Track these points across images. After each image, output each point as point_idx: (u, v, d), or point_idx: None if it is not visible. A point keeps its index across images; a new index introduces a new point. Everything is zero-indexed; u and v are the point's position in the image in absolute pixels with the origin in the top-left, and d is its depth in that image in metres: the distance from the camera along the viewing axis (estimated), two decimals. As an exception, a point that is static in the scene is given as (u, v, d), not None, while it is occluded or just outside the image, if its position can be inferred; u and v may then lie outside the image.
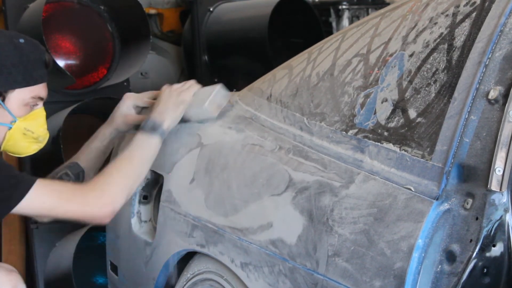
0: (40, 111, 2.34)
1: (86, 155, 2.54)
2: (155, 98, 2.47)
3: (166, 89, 2.43)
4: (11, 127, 2.29)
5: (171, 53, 4.31)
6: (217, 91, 2.42)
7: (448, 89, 1.77)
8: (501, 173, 1.62)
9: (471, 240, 1.63)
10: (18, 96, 2.27)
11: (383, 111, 1.91)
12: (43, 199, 2.16)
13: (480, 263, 1.62)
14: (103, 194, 2.21)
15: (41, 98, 2.32)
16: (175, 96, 2.40)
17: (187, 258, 2.39)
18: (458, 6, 1.87)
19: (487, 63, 1.71)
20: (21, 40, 2.29)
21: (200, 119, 2.44)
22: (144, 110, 2.50)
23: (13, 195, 2.12)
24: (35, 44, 2.34)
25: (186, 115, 2.43)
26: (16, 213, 2.18)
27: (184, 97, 2.41)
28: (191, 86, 2.45)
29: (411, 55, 1.91)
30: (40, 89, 2.31)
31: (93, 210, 2.21)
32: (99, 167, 2.54)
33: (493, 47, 1.71)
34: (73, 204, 2.19)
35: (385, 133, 1.87)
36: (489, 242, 1.62)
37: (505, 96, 1.65)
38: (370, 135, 1.91)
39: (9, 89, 2.26)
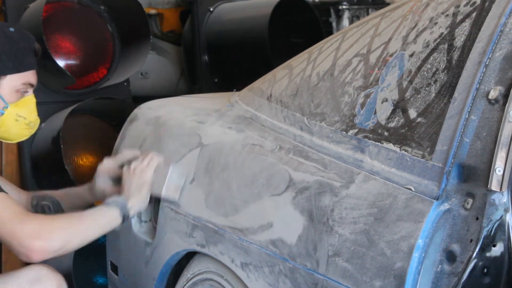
0: (31, 98, 2.43)
1: (69, 204, 2.57)
2: (130, 160, 2.45)
3: (125, 172, 2.40)
4: (3, 113, 2.38)
5: (171, 53, 4.31)
6: (170, 175, 2.37)
7: (448, 89, 1.77)
8: (501, 173, 1.62)
9: (471, 240, 1.63)
10: (10, 83, 2.37)
11: (383, 111, 1.91)
12: None
13: (480, 263, 1.62)
14: (43, 228, 2.16)
15: (31, 85, 2.41)
16: (135, 180, 2.37)
17: (187, 258, 2.40)
18: (458, 6, 1.87)
19: (487, 63, 1.71)
20: (11, 29, 2.40)
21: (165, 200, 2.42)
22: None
23: None
24: (24, 32, 2.44)
25: (153, 194, 2.40)
26: None
27: (145, 179, 2.36)
28: (150, 163, 2.39)
29: (411, 55, 1.91)
30: (30, 76, 2.40)
31: (26, 238, 2.13)
32: None
33: (493, 47, 1.71)
34: (13, 224, 2.14)
35: (385, 133, 1.87)
36: (489, 242, 1.62)
37: (505, 96, 1.65)
38: (370, 135, 1.91)
39: (1, 75, 2.35)
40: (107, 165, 2.51)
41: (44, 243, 2.14)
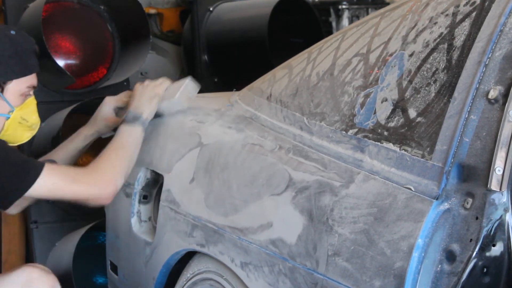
0: (32, 100, 2.46)
1: (64, 154, 2.65)
2: None
3: (139, 86, 2.57)
4: (9, 117, 2.39)
5: (171, 53, 4.31)
6: (187, 83, 2.57)
7: (448, 89, 1.77)
8: (501, 172, 1.62)
9: (471, 240, 1.63)
10: (16, 87, 2.37)
11: (383, 111, 1.91)
12: (53, 181, 2.26)
13: (480, 263, 1.62)
14: (105, 175, 2.34)
15: (34, 87, 2.44)
16: (148, 91, 2.54)
17: (187, 257, 2.40)
18: (458, 6, 1.87)
19: (487, 62, 1.71)
20: (13, 32, 2.40)
21: (172, 112, 2.56)
22: (124, 112, 2.59)
23: (26, 179, 2.23)
24: (25, 35, 2.45)
25: (159, 108, 2.55)
26: (29, 196, 2.28)
27: (157, 91, 2.55)
28: (163, 82, 2.59)
29: (411, 55, 1.91)
30: (33, 78, 2.42)
31: (98, 189, 2.33)
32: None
33: (493, 47, 1.71)
34: (80, 185, 2.31)
35: (385, 133, 1.87)
36: (489, 241, 1.62)
37: (505, 96, 1.65)
38: (370, 135, 1.91)
39: (8, 80, 2.36)
40: (112, 97, 2.66)
41: (113, 186, 2.35)
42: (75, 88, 3.60)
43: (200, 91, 2.58)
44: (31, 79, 2.40)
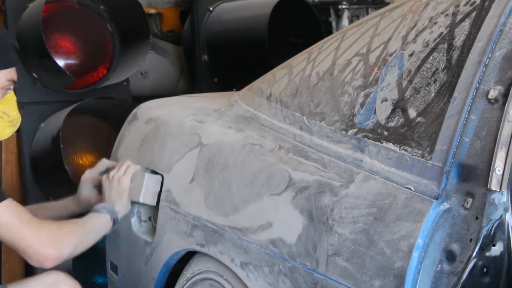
0: (12, 95, 2.43)
1: (45, 217, 2.58)
2: (107, 168, 2.59)
3: (104, 180, 2.52)
4: None
5: (171, 53, 4.31)
6: (146, 183, 2.48)
7: (448, 89, 1.77)
8: (501, 172, 1.62)
9: (471, 240, 1.63)
10: None
11: (383, 111, 1.91)
12: (4, 214, 2.20)
13: (480, 263, 1.62)
14: (55, 237, 2.26)
15: (14, 82, 2.42)
16: (114, 187, 2.49)
17: (187, 258, 2.40)
18: (458, 6, 1.87)
19: (487, 62, 1.71)
20: None
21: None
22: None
23: None
24: (4, 30, 2.51)
25: (132, 199, 2.51)
26: None
27: (123, 186, 2.49)
28: (127, 171, 2.51)
29: (411, 55, 1.91)
30: (14, 73, 2.41)
31: (41, 246, 2.23)
32: None
33: (493, 47, 1.71)
34: (27, 231, 2.22)
35: (385, 133, 1.87)
36: (489, 241, 1.62)
37: (505, 96, 1.65)
38: (370, 135, 1.91)
39: None
40: (89, 174, 2.62)
41: (57, 251, 2.24)
42: (75, 88, 3.60)
43: (200, 91, 2.58)
44: (11, 73, 2.39)
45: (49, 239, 2.23)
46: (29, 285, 2.33)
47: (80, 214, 2.51)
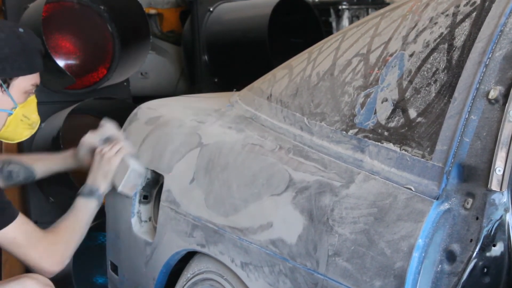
0: (33, 98, 2.48)
1: (44, 170, 2.72)
2: (107, 137, 2.64)
3: (97, 155, 2.58)
4: (11, 113, 2.42)
5: (171, 53, 4.31)
6: (128, 175, 2.55)
7: (448, 89, 1.77)
8: (501, 172, 1.62)
9: (471, 240, 1.63)
10: (21, 84, 2.40)
11: (383, 111, 1.91)
12: (16, 235, 2.29)
13: (480, 263, 1.62)
14: (59, 252, 2.37)
15: (37, 86, 2.46)
16: (103, 166, 2.56)
17: (187, 258, 2.40)
18: (458, 6, 1.87)
19: (487, 63, 1.71)
20: (21, 30, 2.43)
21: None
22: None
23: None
24: (32, 34, 2.49)
25: (112, 183, 2.58)
26: None
27: (110, 167, 2.56)
28: (118, 152, 2.57)
29: (411, 55, 1.91)
30: (37, 77, 2.45)
31: (47, 265, 2.35)
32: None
33: (493, 47, 1.71)
34: (36, 252, 2.33)
35: (385, 133, 1.87)
36: (489, 241, 1.62)
37: (505, 96, 1.65)
38: (370, 135, 1.91)
39: (15, 76, 2.38)
40: (90, 138, 2.67)
41: (61, 266, 2.38)
42: (75, 88, 3.60)
43: (200, 92, 2.58)
44: (35, 78, 2.43)
45: (54, 258, 2.35)
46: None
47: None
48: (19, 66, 2.37)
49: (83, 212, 2.49)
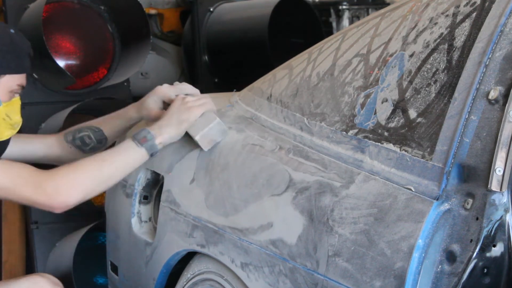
0: (18, 100, 2.45)
1: (110, 127, 2.60)
2: (187, 94, 2.45)
3: (178, 99, 2.40)
4: None
5: (171, 53, 4.31)
6: (212, 126, 2.35)
7: (448, 89, 1.77)
8: (501, 173, 1.62)
9: (471, 240, 1.63)
10: (7, 82, 2.38)
11: (383, 111, 1.91)
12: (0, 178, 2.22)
13: (480, 263, 1.62)
14: (59, 186, 2.24)
15: (22, 87, 2.44)
16: (182, 112, 2.36)
17: (187, 258, 2.40)
18: (458, 6, 1.87)
19: (487, 63, 1.71)
20: (12, 31, 2.43)
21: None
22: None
23: None
24: (23, 36, 2.47)
25: (189, 131, 2.37)
26: None
27: (189, 116, 2.35)
28: (203, 104, 2.38)
29: (411, 55, 1.91)
30: (24, 78, 2.43)
31: (44, 199, 2.23)
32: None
33: (493, 47, 1.71)
34: (27, 189, 2.23)
35: (386, 133, 1.87)
36: (490, 242, 1.62)
37: (505, 96, 1.65)
38: (370, 135, 1.91)
39: (2, 73, 2.37)
40: (165, 88, 2.50)
41: (62, 200, 2.23)
42: (76, 88, 3.60)
43: (200, 91, 2.58)
44: (22, 78, 2.42)
45: (54, 191, 2.22)
46: (10, 285, 2.33)
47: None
48: (8, 65, 2.37)
49: (123, 155, 2.31)
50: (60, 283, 2.39)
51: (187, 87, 2.50)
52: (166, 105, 2.47)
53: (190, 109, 2.36)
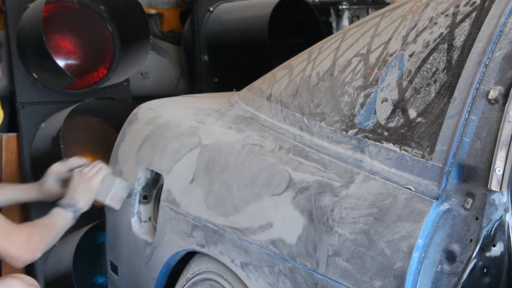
0: None
1: (4, 198, 2.75)
2: (78, 166, 2.71)
3: (76, 174, 2.64)
4: None
5: (171, 53, 4.31)
6: (115, 187, 2.60)
7: (448, 89, 1.77)
8: (501, 173, 1.62)
9: (471, 240, 1.63)
10: None
11: (383, 111, 1.91)
12: None
13: (480, 263, 1.62)
14: (29, 242, 2.42)
15: None
16: (83, 183, 2.61)
17: (187, 258, 2.40)
18: (458, 6, 1.87)
19: (487, 63, 1.71)
20: None
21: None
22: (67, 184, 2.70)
23: None
24: None
25: (97, 199, 2.64)
26: None
27: (91, 185, 2.61)
28: (99, 171, 2.63)
29: (411, 55, 1.91)
30: None
31: (16, 252, 2.40)
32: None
33: (493, 47, 1.71)
34: (8, 242, 2.37)
35: (385, 133, 1.87)
36: (489, 242, 1.62)
37: (505, 96, 1.65)
38: (370, 135, 1.91)
39: None
40: (57, 168, 2.73)
41: (31, 255, 2.43)
42: (75, 88, 3.60)
43: (200, 92, 2.58)
44: None
45: (24, 245, 2.39)
46: None
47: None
48: None
49: (58, 218, 2.53)
50: (36, 282, 2.43)
51: (75, 161, 2.75)
52: (63, 183, 2.71)
53: (90, 179, 2.61)
